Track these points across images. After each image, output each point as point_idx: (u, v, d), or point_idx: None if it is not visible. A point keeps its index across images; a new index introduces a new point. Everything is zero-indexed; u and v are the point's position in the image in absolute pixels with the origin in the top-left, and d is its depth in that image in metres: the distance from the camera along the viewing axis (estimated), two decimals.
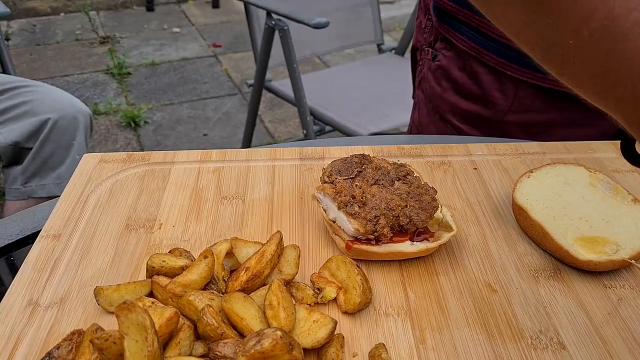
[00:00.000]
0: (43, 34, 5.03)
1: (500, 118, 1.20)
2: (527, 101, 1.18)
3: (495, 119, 1.21)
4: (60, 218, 0.85)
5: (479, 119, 1.24)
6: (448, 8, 1.21)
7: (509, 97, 1.18)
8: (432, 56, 1.31)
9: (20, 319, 0.69)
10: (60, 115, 1.97)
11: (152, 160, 0.98)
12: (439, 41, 1.29)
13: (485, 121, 1.23)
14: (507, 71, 1.16)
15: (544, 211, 0.81)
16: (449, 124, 1.31)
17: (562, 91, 1.10)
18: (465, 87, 1.25)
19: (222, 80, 4.31)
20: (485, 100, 1.22)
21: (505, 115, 1.20)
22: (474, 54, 1.20)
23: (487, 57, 1.18)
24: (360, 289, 0.70)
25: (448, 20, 1.23)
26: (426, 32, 1.34)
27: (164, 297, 0.68)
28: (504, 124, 1.21)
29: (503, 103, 1.19)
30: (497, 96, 1.20)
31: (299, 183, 0.94)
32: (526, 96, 1.18)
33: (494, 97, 1.20)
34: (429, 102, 1.36)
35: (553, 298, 0.73)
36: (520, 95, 1.18)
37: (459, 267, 0.78)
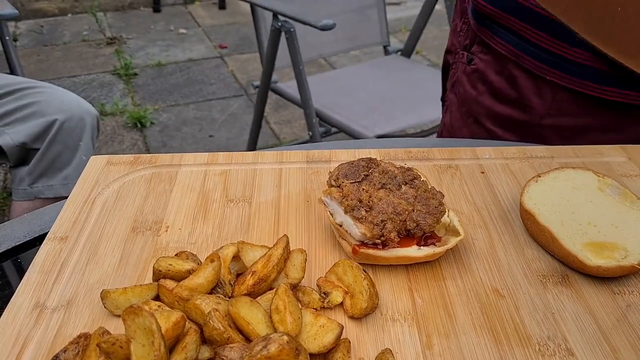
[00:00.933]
0: (50, 34, 5.06)
1: (537, 122, 1.20)
2: (564, 105, 1.17)
3: (532, 123, 1.21)
4: (67, 220, 0.85)
5: (515, 123, 1.24)
6: (487, 12, 1.20)
7: (546, 102, 1.18)
8: (468, 60, 1.31)
9: (27, 321, 0.69)
10: (67, 117, 1.98)
11: (159, 162, 0.98)
12: (476, 44, 1.28)
13: (521, 125, 1.23)
14: (547, 76, 1.16)
15: (552, 216, 0.80)
16: (482, 127, 1.30)
17: (600, 97, 1.10)
18: (501, 91, 1.24)
19: (228, 81, 4.32)
20: (521, 104, 1.22)
21: (542, 119, 1.19)
22: (513, 57, 1.19)
23: (526, 61, 1.18)
24: (367, 293, 0.69)
25: (487, 24, 1.22)
26: (461, 36, 1.34)
27: (170, 301, 0.68)
28: (540, 127, 1.21)
29: (540, 107, 1.19)
30: (534, 100, 1.20)
31: (305, 186, 0.94)
32: (564, 101, 1.17)
33: (531, 102, 1.20)
34: (462, 105, 1.35)
35: (561, 304, 0.73)
36: (558, 100, 1.17)
37: (466, 272, 0.78)
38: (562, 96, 1.17)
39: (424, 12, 3.05)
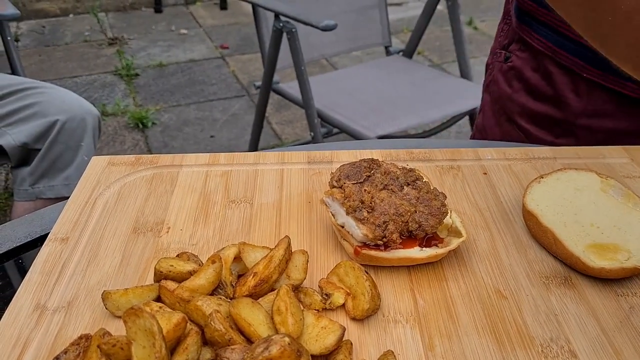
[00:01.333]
0: (52, 35, 5.06)
1: (572, 120, 1.19)
2: (602, 105, 1.16)
3: (567, 121, 1.20)
4: (68, 221, 0.85)
5: (550, 121, 1.23)
6: (528, 8, 1.20)
7: (582, 99, 1.17)
8: (505, 58, 1.31)
9: (28, 322, 0.69)
10: (68, 117, 1.98)
11: (160, 163, 0.98)
12: (514, 43, 1.29)
13: (556, 123, 1.22)
14: (583, 72, 1.14)
15: (554, 217, 0.80)
16: (515, 124, 1.29)
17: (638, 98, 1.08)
18: (537, 88, 1.23)
19: (230, 81, 4.31)
20: (557, 101, 1.20)
21: (577, 118, 1.18)
22: (550, 53, 1.18)
23: (563, 57, 1.16)
24: (369, 295, 0.69)
25: (527, 21, 1.22)
26: (501, 37, 1.34)
27: (171, 302, 0.68)
28: (576, 127, 1.19)
29: (576, 105, 1.18)
30: (570, 97, 1.18)
31: (307, 187, 0.93)
32: (601, 100, 1.15)
33: (567, 98, 1.19)
34: (496, 103, 1.35)
35: (564, 305, 0.73)
36: (595, 98, 1.16)
37: (469, 273, 0.77)
38: (599, 95, 1.15)
39: (425, 13, 3.05)
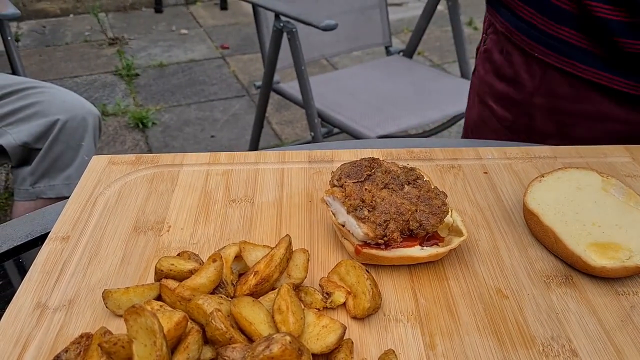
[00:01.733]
0: (52, 35, 5.06)
1: (528, 100, 1.22)
2: (555, 86, 1.19)
3: (524, 102, 1.23)
4: (69, 220, 0.85)
5: (510, 101, 1.27)
6: None
7: (535, 79, 1.20)
8: (483, 41, 1.37)
9: (29, 321, 0.69)
10: (69, 117, 1.98)
11: (161, 162, 0.98)
12: (489, 27, 1.34)
13: (515, 103, 1.26)
14: (535, 52, 1.18)
15: (555, 216, 0.80)
16: (486, 105, 1.33)
17: (590, 80, 1.12)
18: (501, 69, 1.28)
19: (230, 81, 4.31)
20: (515, 81, 1.24)
21: (533, 98, 1.21)
22: (508, 34, 1.23)
23: (517, 37, 1.21)
24: (370, 294, 0.69)
25: (495, 4, 1.27)
26: (484, 23, 1.39)
27: (172, 301, 0.68)
28: (532, 107, 1.23)
29: (530, 85, 1.21)
30: (525, 77, 1.22)
31: (307, 186, 0.93)
32: (553, 80, 1.18)
33: (523, 79, 1.22)
34: (474, 87, 1.41)
35: (565, 304, 0.73)
36: (548, 79, 1.19)
37: (470, 272, 0.77)
38: (551, 75, 1.18)
39: (426, 13, 3.05)
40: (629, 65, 1.10)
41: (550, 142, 1.17)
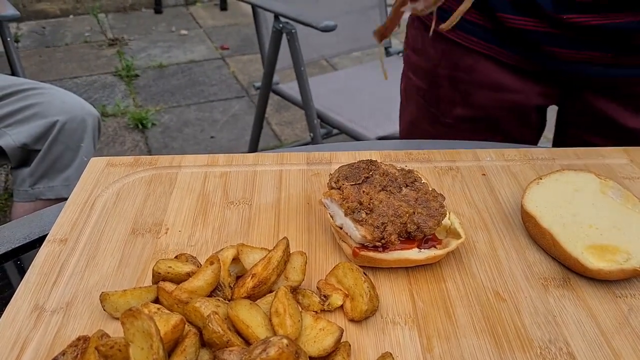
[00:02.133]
0: (52, 36, 5.07)
1: (435, 71, 1.31)
2: (454, 58, 1.27)
3: (432, 72, 1.32)
4: (67, 222, 0.85)
5: (421, 72, 1.36)
6: None
7: (438, 52, 1.29)
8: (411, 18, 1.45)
9: (27, 324, 0.69)
10: (68, 118, 1.98)
11: (159, 164, 0.98)
12: None
13: (425, 74, 1.35)
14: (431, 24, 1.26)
15: (553, 219, 0.80)
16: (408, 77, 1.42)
17: (482, 52, 1.21)
18: (414, 42, 1.38)
19: (230, 82, 4.31)
20: (423, 53, 1.34)
21: (438, 69, 1.30)
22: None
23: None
24: (367, 296, 0.69)
25: None
26: None
27: (169, 304, 0.68)
28: (438, 77, 1.31)
29: (435, 57, 1.30)
30: (430, 50, 1.31)
31: (305, 188, 0.93)
32: (453, 53, 1.26)
33: (428, 51, 1.32)
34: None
35: (563, 307, 0.73)
36: (448, 51, 1.27)
37: (467, 274, 0.77)
38: (451, 48, 1.26)
39: None
40: (512, 39, 1.17)
41: (456, 110, 1.31)
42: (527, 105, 1.26)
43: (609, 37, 1.10)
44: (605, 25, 1.07)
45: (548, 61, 1.17)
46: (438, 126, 1.36)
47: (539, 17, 1.11)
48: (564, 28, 1.10)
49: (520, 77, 1.23)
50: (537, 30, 1.12)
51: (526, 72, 1.22)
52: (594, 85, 1.20)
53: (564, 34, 1.11)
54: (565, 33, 1.11)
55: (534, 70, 1.21)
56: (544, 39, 1.13)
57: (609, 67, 1.14)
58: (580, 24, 1.08)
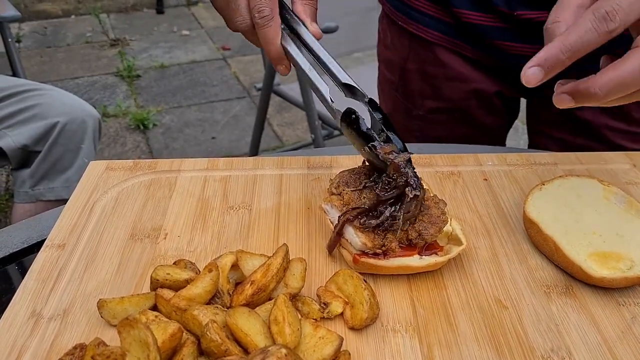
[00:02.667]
0: (54, 36, 5.07)
1: (403, 65, 1.33)
2: (420, 52, 1.29)
3: (401, 66, 1.35)
4: (65, 227, 0.85)
5: (392, 65, 1.38)
6: None
7: (405, 46, 1.31)
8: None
9: (24, 330, 0.69)
10: (69, 119, 1.98)
11: (159, 168, 0.97)
12: None
13: (394, 67, 1.37)
14: (399, 21, 1.29)
15: (556, 225, 0.79)
16: (380, 71, 1.46)
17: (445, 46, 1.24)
18: (383, 37, 1.40)
19: (231, 83, 4.31)
20: (392, 48, 1.36)
21: (406, 63, 1.33)
22: (381, 4, 1.36)
23: (386, 7, 1.33)
24: (368, 304, 0.68)
25: None
26: None
27: (167, 311, 0.67)
28: (407, 71, 1.34)
29: (402, 51, 1.32)
30: (397, 44, 1.33)
31: (306, 193, 0.93)
32: (418, 47, 1.28)
33: (396, 46, 1.34)
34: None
35: (565, 315, 0.72)
36: (414, 46, 1.29)
37: (469, 281, 0.77)
38: (416, 42, 1.28)
39: None
40: (468, 34, 1.19)
41: (427, 103, 1.34)
42: (488, 92, 1.28)
43: None
44: None
45: (501, 55, 1.19)
46: (412, 119, 1.38)
47: (492, 13, 1.13)
48: (516, 24, 1.12)
49: (480, 70, 1.26)
50: (490, 25, 1.15)
51: (486, 66, 1.25)
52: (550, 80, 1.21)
53: (517, 29, 1.13)
54: (517, 28, 1.13)
55: (492, 65, 1.24)
56: (496, 34, 1.15)
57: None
58: (532, 20, 1.10)
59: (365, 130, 0.75)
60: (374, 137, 0.75)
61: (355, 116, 0.76)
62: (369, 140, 0.74)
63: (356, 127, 0.75)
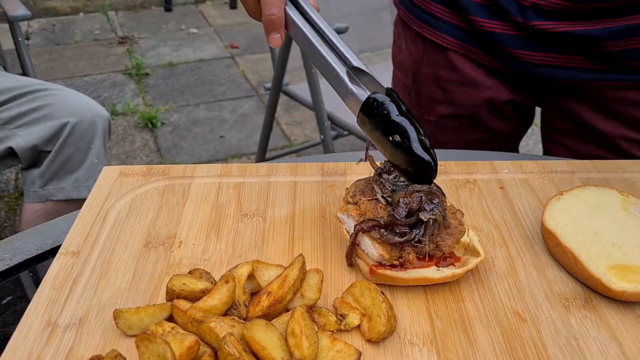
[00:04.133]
0: (63, 33, 5.07)
1: (417, 69, 1.34)
2: (434, 57, 1.29)
3: (414, 71, 1.35)
4: (79, 234, 0.84)
5: (404, 68, 1.39)
6: None
7: (419, 51, 1.32)
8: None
9: (39, 340, 0.68)
10: (78, 119, 1.98)
11: (172, 174, 0.97)
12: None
13: (407, 71, 1.38)
14: (414, 26, 1.29)
15: (574, 237, 0.78)
16: (395, 74, 1.47)
17: (458, 51, 1.24)
18: (398, 41, 1.41)
19: (239, 81, 4.30)
20: (406, 52, 1.36)
21: (420, 67, 1.33)
22: (396, 7, 1.38)
23: (401, 11, 1.34)
24: (385, 317, 0.68)
25: None
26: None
27: (184, 322, 0.67)
28: (420, 75, 1.34)
29: (416, 55, 1.33)
30: (412, 49, 1.34)
31: (320, 200, 0.92)
32: (432, 52, 1.29)
33: (411, 50, 1.34)
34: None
35: (585, 329, 0.71)
36: (428, 51, 1.29)
37: (486, 293, 0.76)
38: (430, 47, 1.28)
39: None
40: (483, 41, 1.19)
41: (439, 109, 1.33)
42: (500, 98, 1.28)
43: (577, 43, 1.11)
44: (573, 32, 1.09)
45: (515, 63, 1.18)
46: (423, 124, 1.36)
47: (508, 21, 1.13)
48: (531, 33, 1.12)
49: (493, 76, 1.26)
50: (505, 33, 1.15)
51: (499, 73, 1.24)
52: (564, 88, 1.22)
53: (531, 38, 1.13)
54: (532, 37, 1.13)
55: (506, 71, 1.23)
56: (511, 42, 1.15)
57: (577, 70, 1.16)
58: (547, 31, 1.10)
59: (394, 118, 0.70)
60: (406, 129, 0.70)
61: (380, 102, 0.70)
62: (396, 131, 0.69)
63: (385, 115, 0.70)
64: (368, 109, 0.73)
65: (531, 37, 1.13)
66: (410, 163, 0.71)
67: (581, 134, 1.24)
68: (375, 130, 0.73)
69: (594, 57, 1.13)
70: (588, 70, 1.15)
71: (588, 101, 1.21)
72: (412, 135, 0.70)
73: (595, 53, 1.11)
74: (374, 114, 0.72)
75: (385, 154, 0.75)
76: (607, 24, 1.07)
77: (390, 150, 0.73)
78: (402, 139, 0.70)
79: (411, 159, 0.71)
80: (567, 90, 1.22)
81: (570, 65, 1.15)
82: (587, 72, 1.15)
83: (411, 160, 0.71)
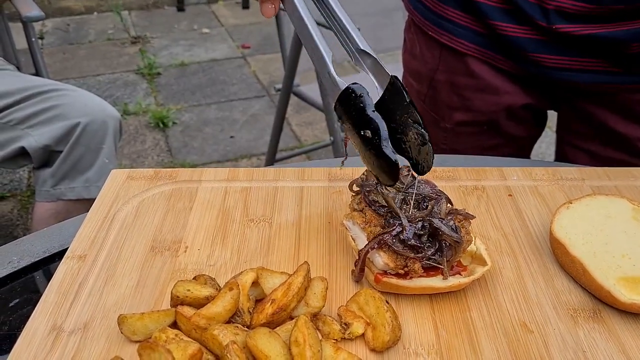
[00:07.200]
0: (76, 33, 5.11)
1: (432, 76, 1.32)
2: (450, 63, 1.28)
3: (430, 77, 1.33)
4: (86, 238, 0.85)
5: (420, 76, 1.37)
6: None
7: (435, 57, 1.30)
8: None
9: (44, 345, 0.69)
10: (90, 120, 1.99)
11: (179, 178, 0.97)
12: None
13: (424, 78, 1.36)
14: (429, 31, 1.27)
15: (584, 247, 0.77)
16: (407, 81, 1.45)
17: (477, 57, 1.22)
18: (411, 47, 1.39)
19: (250, 82, 4.31)
20: (421, 58, 1.35)
21: (435, 74, 1.31)
22: (410, 14, 1.36)
23: (417, 18, 1.31)
24: (390, 326, 0.67)
25: None
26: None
27: (187, 329, 0.67)
28: (436, 82, 1.33)
29: (431, 62, 1.31)
30: (427, 55, 1.32)
31: (327, 206, 0.91)
32: (449, 58, 1.27)
33: (426, 56, 1.32)
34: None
35: (593, 341, 0.70)
36: (444, 57, 1.28)
37: (493, 303, 0.75)
38: (447, 53, 1.27)
39: None
40: (502, 45, 1.18)
41: (456, 116, 1.32)
42: (518, 103, 1.26)
43: (600, 46, 1.10)
44: (597, 34, 1.07)
45: (536, 67, 1.17)
46: (439, 131, 1.36)
47: (529, 25, 1.12)
48: (553, 36, 1.10)
49: (512, 81, 1.24)
50: (526, 37, 1.13)
51: (518, 77, 1.23)
52: (584, 92, 1.20)
53: (553, 41, 1.12)
54: (554, 41, 1.11)
55: (525, 75, 1.22)
56: (532, 46, 1.14)
57: (598, 74, 1.14)
58: (571, 34, 1.08)
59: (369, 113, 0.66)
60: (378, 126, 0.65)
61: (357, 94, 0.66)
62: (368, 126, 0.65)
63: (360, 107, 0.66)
64: (346, 98, 0.70)
65: (553, 41, 1.11)
66: (376, 161, 0.68)
67: (599, 136, 1.23)
68: (349, 122, 0.70)
69: (616, 60, 1.11)
70: (609, 73, 1.13)
71: (607, 104, 1.19)
72: (383, 133, 0.66)
73: (618, 55, 1.10)
74: (350, 105, 0.69)
75: (356, 148, 0.72)
76: (631, 25, 1.05)
77: (360, 144, 0.70)
78: (372, 135, 0.67)
79: (377, 157, 0.67)
80: (586, 94, 1.20)
81: (591, 69, 1.13)
82: (608, 74, 1.14)
83: (377, 158, 0.68)
